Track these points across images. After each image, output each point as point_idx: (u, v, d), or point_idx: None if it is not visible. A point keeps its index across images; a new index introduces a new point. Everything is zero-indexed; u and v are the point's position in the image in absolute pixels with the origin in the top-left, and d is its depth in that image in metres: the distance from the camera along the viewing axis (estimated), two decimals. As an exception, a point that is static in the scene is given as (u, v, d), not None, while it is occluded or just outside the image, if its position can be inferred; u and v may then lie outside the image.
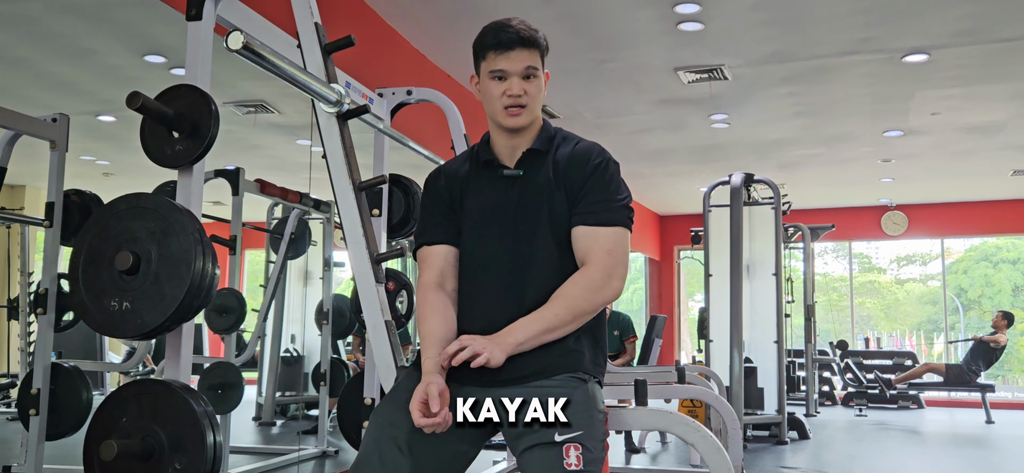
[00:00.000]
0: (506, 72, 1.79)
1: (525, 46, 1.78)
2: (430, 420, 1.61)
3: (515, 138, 1.84)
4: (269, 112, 5.99)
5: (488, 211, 1.83)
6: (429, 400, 1.62)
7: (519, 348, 1.69)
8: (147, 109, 1.93)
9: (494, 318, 1.73)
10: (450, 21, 5.06)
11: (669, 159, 8.99)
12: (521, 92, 1.78)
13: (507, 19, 1.81)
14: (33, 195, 8.19)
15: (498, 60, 1.79)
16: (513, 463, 4.44)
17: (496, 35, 1.79)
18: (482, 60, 1.82)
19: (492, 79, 1.80)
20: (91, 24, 4.60)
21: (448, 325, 1.78)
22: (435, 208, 1.88)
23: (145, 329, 1.83)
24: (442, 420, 1.62)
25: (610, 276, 1.75)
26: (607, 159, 1.82)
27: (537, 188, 1.81)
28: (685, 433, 1.85)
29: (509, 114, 1.79)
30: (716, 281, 6.53)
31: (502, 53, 1.78)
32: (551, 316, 1.72)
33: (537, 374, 1.71)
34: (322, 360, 5.74)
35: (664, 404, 5.24)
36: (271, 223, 6.71)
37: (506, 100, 1.79)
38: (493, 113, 1.82)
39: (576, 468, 1.60)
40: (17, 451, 4.68)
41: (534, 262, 1.78)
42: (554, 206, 1.79)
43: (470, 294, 1.83)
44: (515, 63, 1.78)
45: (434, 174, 1.95)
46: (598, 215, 1.77)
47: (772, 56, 5.64)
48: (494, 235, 1.81)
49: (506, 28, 1.79)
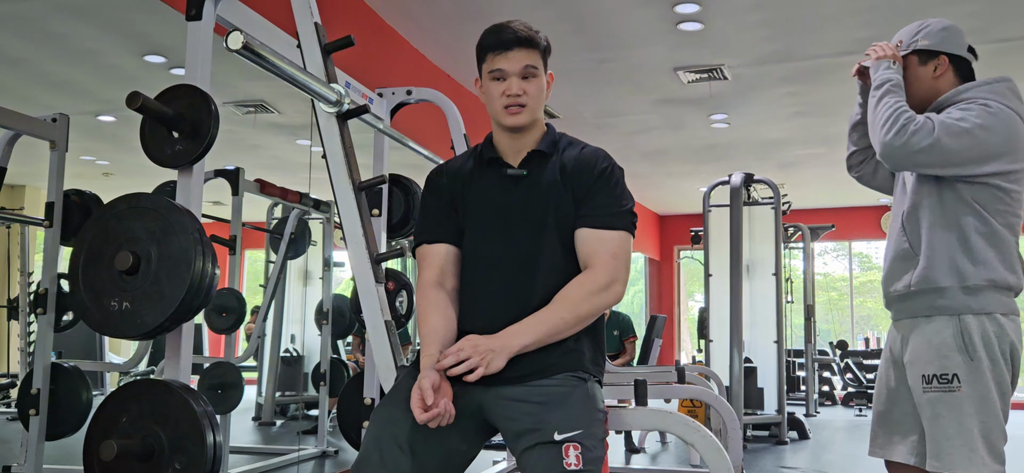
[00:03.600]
0: (505, 72, 1.80)
1: (523, 46, 1.80)
2: (429, 413, 1.61)
3: (518, 138, 1.84)
4: (269, 112, 5.99)
5: (492, 209, 1.83)
6: (423, 394, 1.62)
7: (522, 350, 1.69)
8: (147, 109, 1.93)
9: (497, 316, 1.73)
10: (450, 21, 5.06)
11: (669, 159, 8.99)
12: (520, 91, 1.79)
13: (508, 21, 1.83)
14: (33, 195, 8.18)
15: (497, 60, 1.80)
16: (513, 463, 4.45)
17: (495, 35, 1.81)
18: (483, 62, 1.84)
19: (492, 79, 1.82)
20: (91, 24, 4.60)
21: (449, 323, 1.78)
22: (436, 206, 1.88)
23: (145, 329, 1.83)
24: (443, 411, 1.62)
25: (613, 280, 1.76)
26: (613, 165, 1.85)
27: (542, 188, 1.81)
28: (685, 433, 1.85)
29: (509, 113, 1.81)
30: (716, 281, 6.53)
31: (501, 53, 1.80)
32: (555, 319, 1.72)
33: (537, 373, 1.71)
34: (322, 360, 5.74)
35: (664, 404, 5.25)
36: (271, 223, 6.71)
37: (505, 99, 1.80)
38: (494, 113, 1.84)
39: (575, 467, 1.60)
40: (17, 451, 4.68)
41: (540, 262, 1.78)
42: (561, 207, 1.80)
43: (472, 292, 1.82)
44: (513, 63, 1.79)
45: (436, 172, 1.95)
46: (603, 219, 1.79)
47: (772, 56, 5.64)
48: (498, 233, 1.81)
49: (505, 29, 1.81)
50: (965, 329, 2.03)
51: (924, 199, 2.10)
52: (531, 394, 1.69)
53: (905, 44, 2.24)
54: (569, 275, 1.77)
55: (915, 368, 2.09)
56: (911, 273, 2.10)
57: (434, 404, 1.61)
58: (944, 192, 2.07)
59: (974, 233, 2.04)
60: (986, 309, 2.04)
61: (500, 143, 1.87)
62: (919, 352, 2.08)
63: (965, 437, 1.99)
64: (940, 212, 2.07)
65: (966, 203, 2.05)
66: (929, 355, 2.05)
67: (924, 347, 2.07)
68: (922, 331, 2.09)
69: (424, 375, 1.65)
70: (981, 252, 2.04)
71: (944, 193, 2.07)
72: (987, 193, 2.04)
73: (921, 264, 2.08)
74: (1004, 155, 2.02)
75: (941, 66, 2.20)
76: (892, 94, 2.09)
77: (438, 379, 1.66)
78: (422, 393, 1.62)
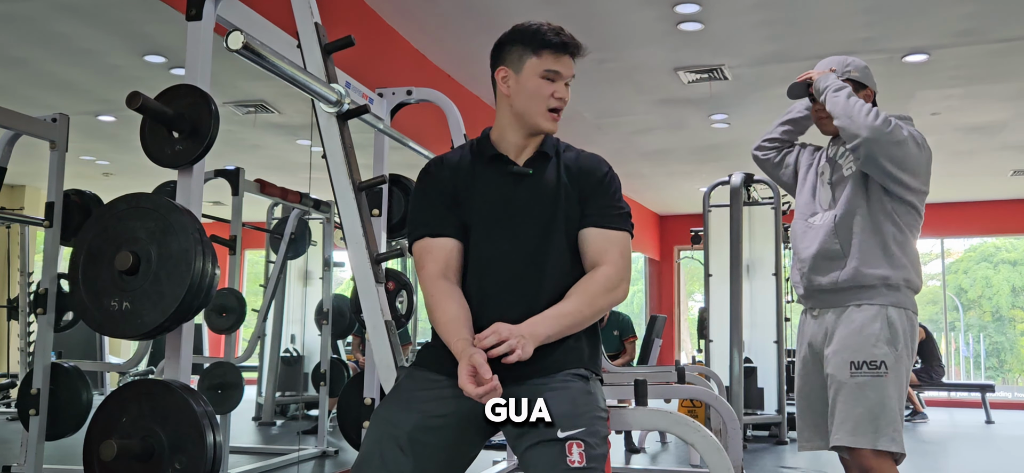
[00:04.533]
0: (561, 75, 1.81)
1: (574, 55, 1.83)
2: (484, 387, 1.57)
3: (529, 139, 1.85)
4: (269, 112, 5.99)
5: (498, 207, 1.82)
6: (479, 368, 1.58)
7: (545, 340, 1.69)
8: (147, 109, 1.93)
9: (505, 314, 1.71)
10: (450, 21, 5.06)
11: (669, 159, 8.98)
12: (566, 98, 1.82)
13: (557, 25, 1.83)
14: (33, 195, 8.18)
15: (555, 62, 1.81)
16: (513, 463, 4.45)
17: (558, 35, 1.81)
18: (534, 55, 1.81)
19: (543, 77, 1.81)
20: (91, 24, 4.60)
21: (466, 310, 1.75)
22: (438, 198, 1.84)
23: (145, 329, 1.83)
24: (496, 385, 1.58)
25: (623, 278, 1.80)
26: (612, 170, 1.89)
27: (548, 187, 1.82)
28: (685, 433, 1.85)
29: (553, 117, 1.82)
30: (716, 281, 6.53)
31: (561, 56, 1.81)
32: (574, 311, 1.73)
33: (538, 372, 1.70)
34: (322, 360, 5.74)
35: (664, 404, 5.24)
36: (271, 223, 6.71)
37: (553, 102, 1.81)
38: (532, 111, 1.81)
39: (579, 465, 1.59)
40: (17, 451, 4.68)
41: (548, 260, 1.78)
42: (569, 206, 1.81)
43: (479, 289, 1.80)
44: (568, 68, 1.82)
45: (435, 163, 1.91)
46: (610, 219, 1.81)
47: (772, 56, 5.64)
48: (505, 231, 1.80)
49: (564, 32, 1.82)
50: (891, 322, 2.38)
51: (857, 209, 2.44)
52: (532, 392, 1.68)
53: (839, 72, 2.55)
54: (576, 274, 1.79)
55: (841, 355, 2.39)
56: (839, 271, 2.43)
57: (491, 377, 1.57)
58: (872, 204, 2.43)
59: (893, 241, 2.42)
60: (903, 305, 2.42)
61: (506, 140, 1.85)
62: (848, 341, 2.39)
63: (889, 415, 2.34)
64: (869, 220, 2.43)
65: (888, 215, 2.43)
66: (858, 343, 2.37)
67: (853, 337, 2.39)
68: (851, 320, 2.41)
69: (473, 352, 1.61)
70: (899, 257, 2.42)
71: (872, 205, 2.43)
72: (903, 208, 2.43)
73: (851, 263, 2.42)
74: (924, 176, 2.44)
75: (867, 97, 2.54)
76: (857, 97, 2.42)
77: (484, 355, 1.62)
78: (478, 368, 1.58)
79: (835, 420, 2.37)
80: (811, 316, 2.55)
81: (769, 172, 2.80)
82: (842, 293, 2.44)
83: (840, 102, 2.41)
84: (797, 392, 2.60)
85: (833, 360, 2.41)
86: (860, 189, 2.45)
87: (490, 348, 1.63)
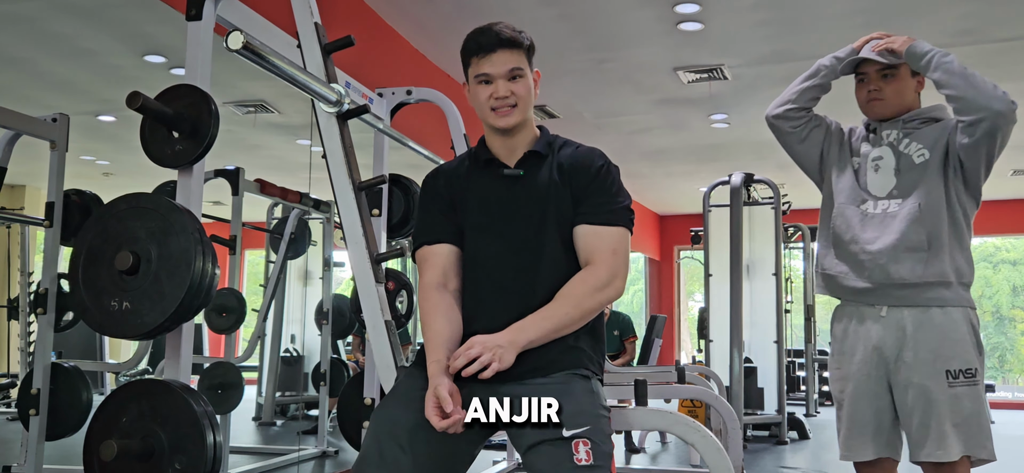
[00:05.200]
0: (491, 75, 1.80)
1: (507, 48, 1.79)
2: (448, 421, 1.61)
3: (511, 139, 1.85)
4: (269, 112, 5.99)
5: (492, 210, 1.83)
6: (442, 403, 1.61)
7: (529, 345, 1.69)
8: (147, 109, 1.93)
9: (500, 317, 1.73)
10: (450, 21, 5.06)
11: (669, 159, 8.99)
12: (508, 93, 1.79)
13: (490, 23, 1.82)
14: (33, 195, 8.17)
15: (482, 64, 1.80)
16: (513, 463, 4.45)
17: (477, 40, 1.81)
18: (467, 66, 1.84)
19: (478, 83, 1.81)
20: (91, 24, 4.60)
21: (454, 326, 1.77)
22: (435, 208, 1.88)
23: (145, 329, 1.83)
24: (461, 417, 1.62)
25: (614, 275, 1.77)
26: (609, 163, 1.85)
27: (540, 188, 1.82)
28: (685, 433, 1.85)
29: (498, 115, 1.80)
30: (716, 281, 6.53)
31: (484, 57, 1.80)
32: (561, 314, 1.72)
33: (539, 371, 1.71)
34: (322, 360, 5.74)
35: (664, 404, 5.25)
36: (271, 223, 6.71)
37: (493, 102, 1.80)
38: (483, 116, 1.84)
39: (587, 463, 1.59)
40: (17, 451, 4.68)
41: (541, 260, 1.79)
42: (560, 205, 1.80)
43: (474, 293, 1.82)
44: (498, 66, 1.79)
45: (433, 174, 1.95)
46: (602, 215, 1.79)
47: (772, 56, 5.64)
48: (498, 234, 1.81)
49: (487, 32, 1.80)
50: (973, 326, 2.24)
51: (940, 198, 2.24)
52: (532, 392, 1.68)
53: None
54: (570, 273, 1.78)
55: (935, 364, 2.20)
56: (923, 264, 2.21)
57: (454, 410, 1.61)
58: (950, 194, 2.25)
59: (965, 236, 2.27)
60: (974, 305, 2.29)
61: (493, 145, 1.87)
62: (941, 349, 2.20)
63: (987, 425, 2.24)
64: (949, 212, 2.24)
65: (962, 206, 2.26)
66: (952, 351, 2.20)
67: (947, 344, 2.20)
68: (938, 324, 2.22)
69: (438, 382, 1.64)
70: (968, 252, 2.28)
71: (950, 195, 2.25)
72: (971, 202, 2.29)
73: (937, 256, 2.21)
74: None
75: (920, 85, 2.37)
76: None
77: (453, 385, 1.65)
78: (440, 400, 1.62)
79: (930, 433, 2.20)
80: (878, 314, 2.27)
81: (786, 141, 2.47)
82: (923, 288, 2.21)
83: (959, 70, 2.15)
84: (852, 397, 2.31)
85: (922, 369, 2.20)
86: (939, 177, 2.24)
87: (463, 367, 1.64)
